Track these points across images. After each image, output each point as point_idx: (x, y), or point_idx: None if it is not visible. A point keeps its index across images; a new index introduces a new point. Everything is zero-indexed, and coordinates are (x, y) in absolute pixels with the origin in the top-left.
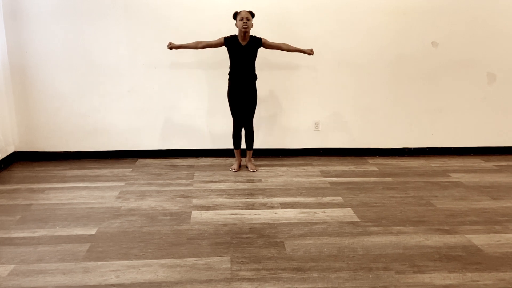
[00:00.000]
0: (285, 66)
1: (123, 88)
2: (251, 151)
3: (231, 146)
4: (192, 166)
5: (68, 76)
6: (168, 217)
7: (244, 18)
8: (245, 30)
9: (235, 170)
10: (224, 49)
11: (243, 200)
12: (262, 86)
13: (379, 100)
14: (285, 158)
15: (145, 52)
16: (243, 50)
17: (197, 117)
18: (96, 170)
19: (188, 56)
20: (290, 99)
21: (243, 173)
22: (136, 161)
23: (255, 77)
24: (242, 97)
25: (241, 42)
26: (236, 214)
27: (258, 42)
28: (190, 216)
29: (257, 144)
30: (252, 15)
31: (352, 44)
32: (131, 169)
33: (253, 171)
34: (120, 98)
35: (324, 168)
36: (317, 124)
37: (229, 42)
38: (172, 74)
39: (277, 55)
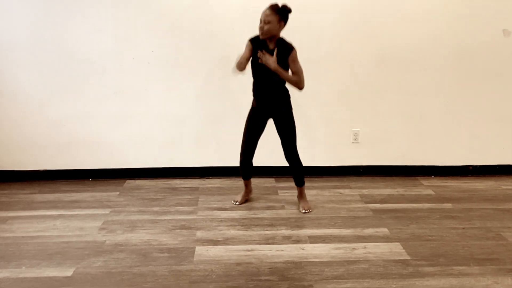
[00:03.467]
0: (314, 63)
1: (108, 89)
2: (303, 187)
3: None
4: (196, 188)
5: (38, 74)
6: (166, 254)
7: (262, 21)
8: (261, 36)
9: (237, 203)
10: (236, 40)
11: (261, 232)
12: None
13: (435, 105)
14: (315, 179)
15: (136, 44)
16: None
17: (202, 127)
18: (73, 194)
19: (192, 49)
20: (321, 104)
21: (261, 197)
22: (125, 182)
23: (287, 95)
24: (265, 122)
25: (268, 44)
26: (252, 250)
27: (287, 51)
28: (194, 253)
29: (279, 161)
30: (278, 11)
31: (400, 34)
32: (118, 193)
33: (305, 212)
34: (104, 101)
35: (365, 192)
36: (356, 135)
37: (254, 44)
38: (170, 72)
39: (303, 49)
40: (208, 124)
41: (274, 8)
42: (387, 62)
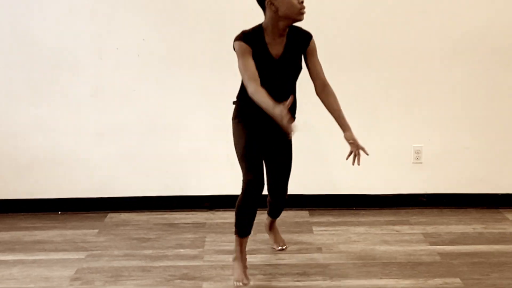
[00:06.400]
0: (361, 56)
1: (83, 90)
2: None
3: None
4: (202, 225)
5: None
6: None
7: None
8: (302, 19)
9: (243, 283)
10: None
11: (291, 283)
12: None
13: None
14: (363, 211)
15: (121, 30)
16: (277, 63)
17: (210, 141)
18: (36, 232)
19: (197, 37)
20: (370, 111)
21: (290, 236)
22: (106, 216)
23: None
24: (270, 140)
25: (272, 44)
26: None
27: (305, 40)
28: None
29: (313, 189)
30: None
31: (479, 17)
32: (97, 231)
33: (281, 248)
34: (79, 107)
35: (429, 229)
36: (417, 153)
37: (251, 43)
38: (167, 68)
39: (346, 37)
40: (219, 138)
41: None
42: (464, 54)
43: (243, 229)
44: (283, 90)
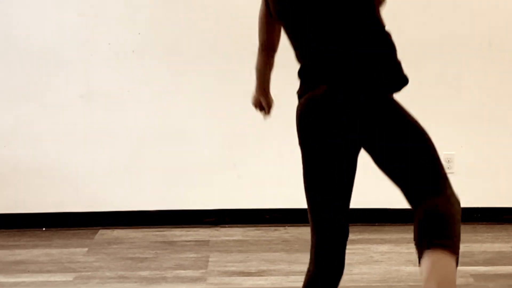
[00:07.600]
0: None
1: (70, 91)
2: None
3: (282, 205)
4: (205, 242)
5: None
6: None
7: None
8: None
9: None
10: None
11: None
12: None
13: None
14: (387, 227)
15: (114, 23)
16: None
17: (215, 148)
18: (17, 251)
19: (200, 30)
20: None
21: (304, 255)
22: (97, 233)
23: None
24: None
25: None
26: None
27: None
28: None
29: None
30: None
31: None
32: (87, 249)
33: None
34: (66, 110)
35: (462, 247)
36: (449, 161)
37: None
38: (167, 65)
39: None
40: (225, 145)
41: None
42: (498, 49)
43: None
44: (340, 25)
